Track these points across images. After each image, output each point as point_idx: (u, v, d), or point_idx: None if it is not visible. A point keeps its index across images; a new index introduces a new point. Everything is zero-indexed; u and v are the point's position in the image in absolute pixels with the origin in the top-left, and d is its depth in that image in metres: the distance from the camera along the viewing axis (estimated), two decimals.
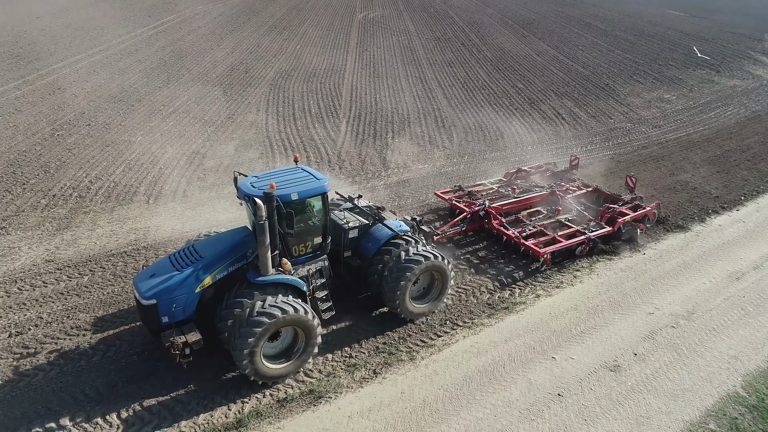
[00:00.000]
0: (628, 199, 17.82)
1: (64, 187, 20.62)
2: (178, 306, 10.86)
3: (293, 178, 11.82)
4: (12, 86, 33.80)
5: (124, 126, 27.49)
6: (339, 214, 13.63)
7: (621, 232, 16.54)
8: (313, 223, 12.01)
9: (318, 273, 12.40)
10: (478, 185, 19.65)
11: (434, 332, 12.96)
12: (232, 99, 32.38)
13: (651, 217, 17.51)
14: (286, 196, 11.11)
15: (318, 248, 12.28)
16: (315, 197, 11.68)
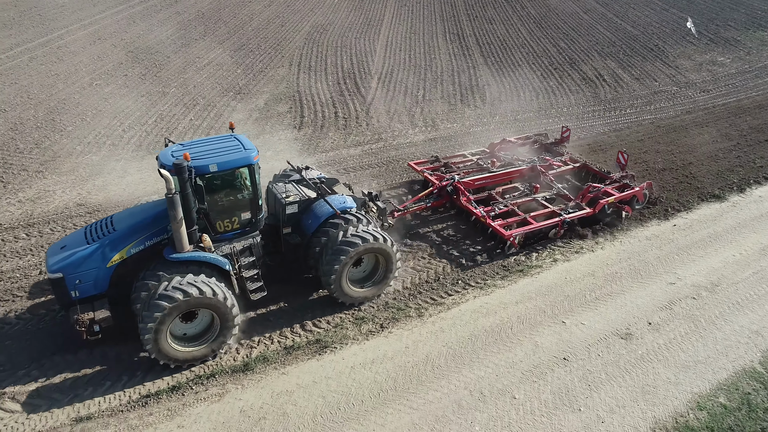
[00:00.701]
0: (617, 178, 16.20)
1: (98, 135, 21.21)
2: (86, 280, 10.27)
3: (220, 147, 10.80)
4: (55, 35, 34.57)
5: (159, 77, 27.86)
6: (281, 187, 12.63)
7: (605, 214, 15.25)
8: (239, 197, 11.05)
9: (247, 251, 11.45)
10: (458, 156, 18.27)
11: (445, 291, 12.93)
12: (266, 53, 32.25)
13: (641, 198, 15.91)
14: (204, 167, 10.17)
15: (247, 224, 11.35)
16: (239, 169, 10.70)
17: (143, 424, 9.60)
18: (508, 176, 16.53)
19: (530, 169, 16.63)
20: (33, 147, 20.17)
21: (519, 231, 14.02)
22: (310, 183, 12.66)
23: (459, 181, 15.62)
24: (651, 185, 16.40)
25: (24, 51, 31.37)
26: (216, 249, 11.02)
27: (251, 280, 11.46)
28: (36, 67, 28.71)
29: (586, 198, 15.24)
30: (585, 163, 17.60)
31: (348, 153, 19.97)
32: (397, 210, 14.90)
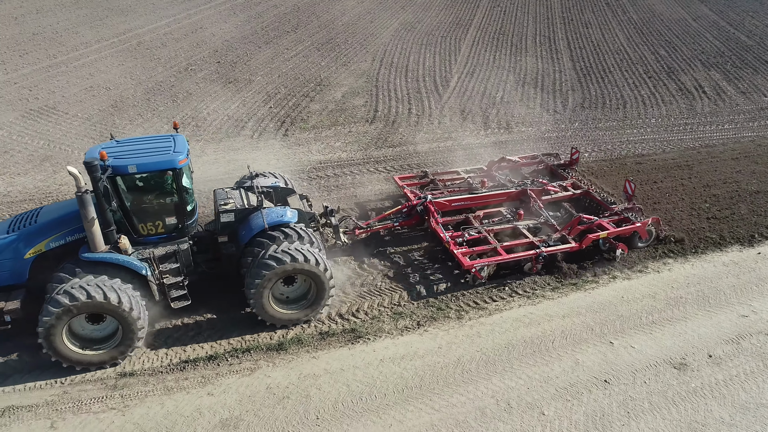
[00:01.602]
0: (618, 210, 14.32)
1: (185, 116, 22.63)
2: (2, 270, 10.15)
3: (151, 147, 10.48)
4: (163, 23, 37.29)
5: (248, 66, 29.23)
6: (223, 194, 12.15)
7: (602, 249, 13.67)
8: (165, 200, 10.70)
9: (171, 257, 10.87)
10: (450, 173, 16.74)
11: (490, 296, 12.53)
12: (351, 47, 32.86)
13: (643, 235, 13.89)
14: (123, 167, 9.85)
15: (173, 230, 10.92)
16: (162, 172, 10.35)
17: (178, 387, 10.13)
18: (491, 199, 14.99)
19: (519, 193, 15.03)
20: (127, 123, 21.90)
21: (483, 262, 12.52)
22: (259, 192, 11.95)
23: (432, 200, 14.31)
24: (658, 221, 14.20)
25: (134, 36, 34.12)
26: (137, 252, 10.64)
27: (174, 287, 10.92)
28: (142, 51, 31.12)
29: (574, 230, 13.40)
30: (588, 190, 15.59)
31: (415, 149, 19.89)
32: (360, 227, 13.90)
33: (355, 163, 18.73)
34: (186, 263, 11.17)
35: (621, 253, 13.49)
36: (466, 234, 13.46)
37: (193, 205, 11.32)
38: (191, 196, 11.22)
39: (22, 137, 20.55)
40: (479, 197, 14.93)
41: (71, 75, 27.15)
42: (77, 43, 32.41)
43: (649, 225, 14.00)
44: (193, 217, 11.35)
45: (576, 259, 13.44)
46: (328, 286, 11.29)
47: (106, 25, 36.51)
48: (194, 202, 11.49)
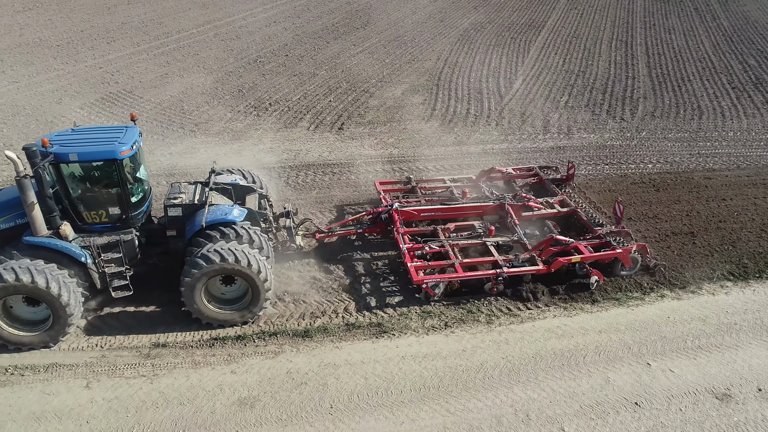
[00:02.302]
0: (603, 233, 13.12)
1: (248, 106, 23.43)
2: None
3: (99, 137, 10.57)
4: (240, 17, 38.80)
5: (314, 60, 29.85)
6: (177, 188, 12.11)
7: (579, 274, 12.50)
8: (109, 190, 10.73)
9: (114, 246, 10.91)
10: (435, 181, 16.03)
11: (525, 303, 12.11)
12: (418, 45, 32.80)
13: (626, 262, 12.58)
14: (65, 155, 9.93)
15: (117, 219, 10.97)
16: (103, 162, 10.41)
17: (204, 362, 10.51)
18: (465, 211, 14.01)
19: (496, 207, 14.00)
20: (193, 109, 22.96)
21: (434, 278, 11.77)
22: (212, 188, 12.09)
23: (399, 209, 13.61)
24: (645, 248, 12.88)
25: (211, 27, 35.72)
26: (79, 240, 10.78)
27: (116, 277, 11.03)
28: (217, 43, 32.53)
29: (546, 252, 12.35)
30: (575, 209, 14.28)
31: (468, 150, 19.57)
32: (321, 232, 13.57)
33: (405, 160, 18.67)
34: (130, 254, 11.20)
35: (596, 281, 12.19)
36: (426, 247, 12.67)
37: (139, 197, 11.39)
38: (139, 187, 11.36)
39: (99, 117, 22.03)
40: (451, 209, 13.95)
41: (150, 62, 28.81)
42: (159, 33, 34.34)
43: (634, 252, 12.63)
44: (139, 208, 11.35)
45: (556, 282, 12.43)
46: (263, 289, 10.95)
47: (188, 17, 38.45)
48: (143, 194, 11.54)
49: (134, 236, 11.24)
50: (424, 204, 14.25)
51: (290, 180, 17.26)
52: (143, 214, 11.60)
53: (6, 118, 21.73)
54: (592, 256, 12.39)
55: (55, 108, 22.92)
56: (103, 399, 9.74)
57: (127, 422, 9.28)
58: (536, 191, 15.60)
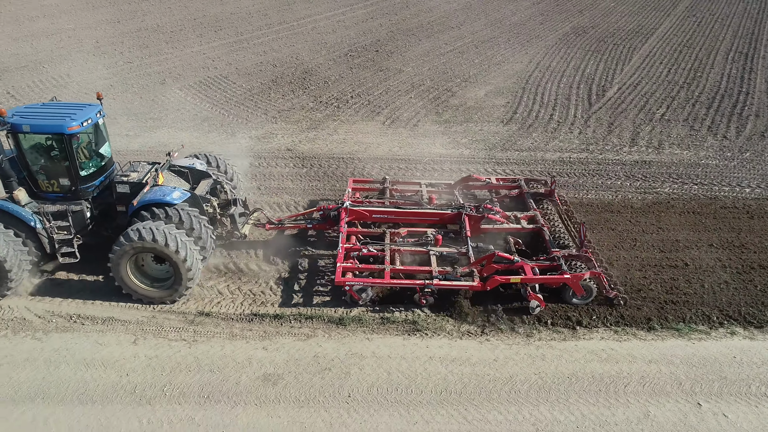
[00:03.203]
0: (559, 255, 11.96)
1: (330, 97, 24.03)
2: None
3: (59, 112, 11.24)
4: (339, 11, 39.86)
5: (403, 57, 29.99)
6: (134, 166, 12.61)
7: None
8: (60, 163, 11.31)
9: (63, 215, 11.54)
10: (410, 184, 15.27)
11: (573, 321, 11.39)
12: (511, 47, 31.92)
13: (577, 290, 11.43)
14: (19, 125, 10.78)
15: (67, 191, 11.60)
16: (53, 136, 11.00)
17: (241, 335, 10.95)
18: (419, 218, 13.34)
19: (453, 217, 13.17)
20: (279, 97, 23.94)
21: (356, 281, 11.37)
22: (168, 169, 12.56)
23: (349, 207, 13.20)
24: (600, 277, 11.59)
25: (311, 21, 37.01)
26: (33, 205, 11.52)
27: (64, 243, 11.67)
28: (313, 36, 33.66)
29: (487, 268, 11.52)
30: (542, 227, 13.16)
31: (542, 156, 18.74)
32: (271, 223, 13.53)
33: (474, 162, 18.25)
34: (80, 224, 11.82)
35: (537, 306, 11.31)
36: (364, 249, 12.30)
37: (91, 171, 11.89)
38: (92, 162, 11.92)
39: (195, 99, 23.62)
40: (404, 213, 13.36)
41: (248, 51, 30.41)
42: (262, 23, 36.14)
43: (586, 280, 11.48)
44: (90, 182, 11.87)
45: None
46: (184, 270, 11.15)
47: (291, 10, 40.12)
48: (96, 169, 12.03)
49: (84, 208, 11.85)
50: (377, 206, 13.78)
51: (355, 171, 17.47)
52: (95, 188, 12.10)
53: (116, 94, 23.90)
54: (533, 279, 11.42)
55: (158, 88, 24.88)
56: (145, 356, 10.46)
57: (160, 380, 9.89)
58: (516, 204, 14.65)
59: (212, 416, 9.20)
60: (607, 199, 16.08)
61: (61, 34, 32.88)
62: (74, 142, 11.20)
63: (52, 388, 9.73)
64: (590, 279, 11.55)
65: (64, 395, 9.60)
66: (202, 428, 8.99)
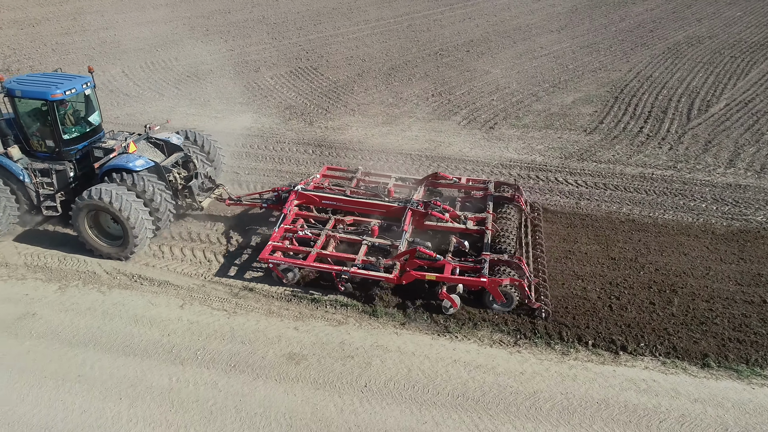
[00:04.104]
0: (486, 258, 11.64)
1: (411, 94, 24.13)
2: None
3: (47, 82, 12.68)
4: (439, 10, 39.83)
5: (494, 58, 29.40)
6: (115, 135, 14.14)
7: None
8: (43, 125, 12.86)
9: (48, 173, 13.07)
10: (380, 176, 15.33)
11: (617, 345, 10.65)
12: (612, 54, 30.24)
13: (496, 295, 11.06)
14: (12, 90, 12.43)
15: (52, 151, 13.12)
16: (39, 101, 12.44)
17: (277, 313, 11.39)
18: (366, 207, 13.53)
19: (397, 210, 13.20)
20: (362, 91, 24.42)
21: (277, 259, 11.87)
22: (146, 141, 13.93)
23: (300, 191, 13.65)
24: (522, 286, 11.00)
25: (408, 18, 37.31)
26: (24, 161, 13.10)
27: (47, 198, 13.23)
28: (407, 33, 33.93)
29: (410, 263, 11.49)
30: (485, 229, 12.80)
31: (621, 170, 17.57)
32: (231, 199, 14.28)
33: (545, 170, 17.53)
34: (62, 182, 13.25)
35: (450, 306, 11.13)
36: (300, 231, 12.79)
37: (74, 136, 13.27)
38: (76, 128, 13.38)
39: (282, 87, 24.74)
40: (351, 202, 13.63)
41: (341, 45, 31.28)
42: (360, 19, 37.00)
43: (504, 286, 11.03)
44: (72, 145, 13.26)
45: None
46: (130, 230, 12.25)
47: (391, 7, 40.71)
48: (80, 134, 13.39)
49: (67, 168, 13.24)
50: (328, 192, 14.07)
51: (421, 168, 17.44)
52: (77, 151, 13.43)
53: (213, 78, 25.62)
54: (448, 278, 11.22)
55: (252, 75, 26.34)
56: (188, 320, 11.19)
57: (196, 344, 10.55)
58: (477, 206, 14.36)
59: (234, 384, 9.67)
60: (686, 221, 14.80)
61: (177, 21, 35.78)
62: (61, 108, 12.84)
63: (103, 337, 10.72)
64: (510, 286, 11.11)
65: (112, 345, 10.53)
66: (222, 394, 9.48)
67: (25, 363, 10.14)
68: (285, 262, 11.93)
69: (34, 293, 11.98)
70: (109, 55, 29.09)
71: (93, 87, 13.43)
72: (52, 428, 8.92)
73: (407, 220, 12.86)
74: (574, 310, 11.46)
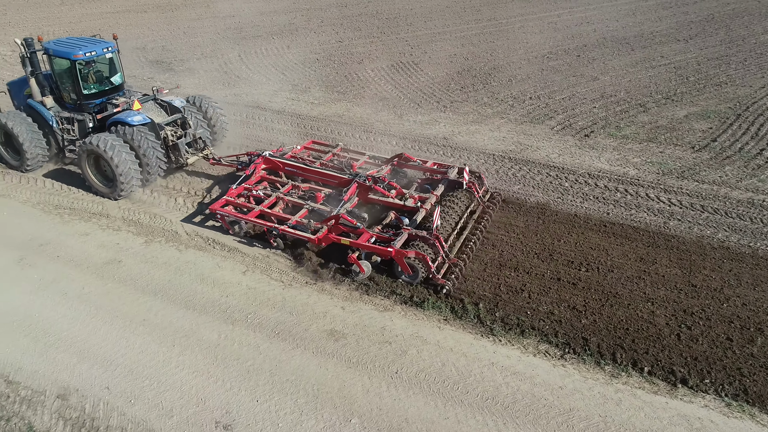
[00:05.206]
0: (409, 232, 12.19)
1: (507, 95, 23.54)
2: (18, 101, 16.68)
3: (77, 44, 14.94)
4: (554, 13, 38.33)
5: (605, 65, 27.78)
6: (129, 94, 16.00)
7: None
8: (69, 80, 15.04)
9: (71, 122, 15.43)
10: (355, 153, 16.28)
11: (677, 376, 9.74)
12: (744, 67, 27.29)
13: (403, 267, 11.67)
14: (47, 49, 14.78)
15: (74, 103, 15.42)
16: (64, 59, 14.61)
17: (329, 292, 11.76)
18: (321, 177, 14.60)
19: (346, 182, 14.08)
20: (457, 89, 24.21)
21: (222, 210, 13.33)
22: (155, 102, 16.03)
23: (266, 156, 15.04)
24: (426, 260, 11.45)
25: (521, 20, 36.34)
26: (56, 109, 15.63)
27: (70, 143, 15.65)
28: (517, 35, 33.06)
29: (335, 228, 12.35)
30: (418, 207, 13.36)
31: (726, 193, 15.84)
32: (214, 159, 15.92)
33: (636, 184, 16.31)
34: (82, 130, 15.51)
35: (358, 271, 11.85)
36: (254, 190, 14.12)
37: (92, 92, 15.39)
38: (95, 85, 15.45)
39: (381, 80, 25.25)
40: (308, 170, 14.75)
41: (446, 43, 31.23)
42: (471, 18, 36.65)
43: (409, 258, 11.48)
44: (91, 100, 15.39)
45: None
46: (118, 174, 14.25)
47: (506, 8, 39.90)
48: (98, 91, 15.46)
49: (87, 119, 15.44)
50: (290, 160, 15.10)
51: (500, 170, 17.03)
52: (95, 105, 15.49)
53: (318, 67, 26.75)
54: (359, 244, 11.94)
55: (354, 66, 27.15)
56: (247, 285, 11.92)
57: (249, 308, 11.23)
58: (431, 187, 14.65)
59: (273, 350, 10.16)
60: None
61: (296, 12, 37.77)
62: (85, 68, 15.03)
63: (171, 290, 11.73)
64: (416, 259, 11.49)
65: (176, 298, 11.50)
66: (261, 357, 10.01)
67: (103, 301, 11.40)
68: (230, 215, 13.27)
69: (123, 243, 13.38)
70: (231, 39, 31.41)
71: (115, 52, 15.45)
72: (113, 362, 9.96)
73: (350, 191, 13.69)
74: (635, 333, 10.65)
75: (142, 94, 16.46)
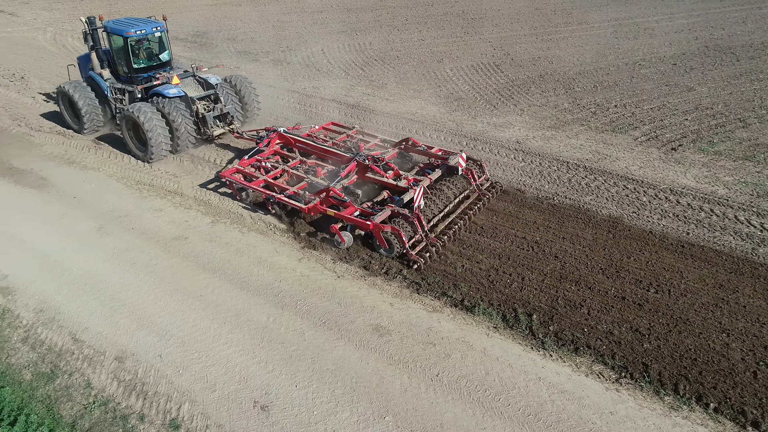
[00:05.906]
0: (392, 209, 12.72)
1: (590, 102, 22.40)
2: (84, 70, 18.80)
3: (131, 23, 16.59)
4: (652, 19, 36.07)
5: (704, 75, 25.80)
6: (169, 71, 17.51)
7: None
8: (122, 55, 16.70)
9: (122, 92, 17.32)
10: (368, 135, 17.03)
11: (748, 417, 8.81)
12: None
13: (380, 240, 12.30)
14: (106, 27, 16.63)
15: (126, 75, 17.18)
16: (119, 36, 16.30)
17: (379, 288, 11.69)
18: (327, 154, 15.42)
19: (347, 159, 14.70)
20: (537, 93, 23.35)
21: (234, 179, 14.47)
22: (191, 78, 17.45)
23: (281, 132, 16.20)
24: (400, 234, 12.01)
25: (614, 24, 34.56)
26: (111, 81, 17.53)
27: (119, 110, 17.20)
28: (608, 39, 31.44)
29: (325, 200, 13.28)
30: (410, 188, 13.50)
31: None
32: (238, 134, 17.26)
33: (725, 204, 14.95)
34: (131, 101, 17.10)
35: (339, 241, 12.69)
36: (263, 162, 15.11)
37: (141, 66, 17.00)
38: (144, 61, 17.06)
39: (459, 80, 24.88)
40: (316, 147, 15.62)
41: (531, 45, 30.25)
42: (561, 21, 35.31)
43: (385, 232, 12.18)
44: (140, 74, 17.04)
45: None
46: (148, 138, 15.85)
47: (599, 11, 38.14)
48: (145, 66, 17.12)
49: (135, 90, 17.09)
50: (301, 137, 15.97)
51: (572, 179, 16.21)
52: (143, 78, 17.08)
53: (397, 64, 26.76)
54: (342, 216, 12.70)
55: (433, 65, 26.94)
56: (300, 273, 12.11)
57: (299, 295, 11.40)
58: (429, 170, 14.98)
59: (318, 338, 10.24)
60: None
61: (382, 10, 38.06)
62: (137, 45, 16.63)
63: (228, 270, 12.15)
64: (391, 234, 12.11)
65: (233, 277, 11.89)
66: (305, 344, 10.11)
67: (166, 274, 12.00)
68: (237, 182, 14.36)
69: (192, 221, 14.03)
70: (316, 34, 32.18)
71: (163, 31, 17.07)
72: (168, 332, 10.44)
73: (349, 168, 14.29)
74: (703, 365, 9.76)
75: (183, 70, 17.96)
